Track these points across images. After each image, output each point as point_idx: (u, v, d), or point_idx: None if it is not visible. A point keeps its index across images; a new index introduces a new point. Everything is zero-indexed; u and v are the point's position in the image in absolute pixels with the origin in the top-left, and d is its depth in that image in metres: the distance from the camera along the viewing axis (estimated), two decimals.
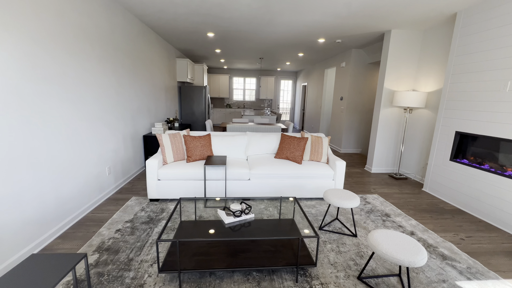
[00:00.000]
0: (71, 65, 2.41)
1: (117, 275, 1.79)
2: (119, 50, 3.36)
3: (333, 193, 2.43)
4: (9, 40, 1.76)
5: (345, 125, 6.07)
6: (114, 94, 3.25)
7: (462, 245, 2.33)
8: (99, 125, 2.91)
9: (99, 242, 2.16)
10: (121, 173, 3.50)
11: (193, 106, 7.01)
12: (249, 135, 3.64)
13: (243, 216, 1.98)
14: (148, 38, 4.41)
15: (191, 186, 3.01)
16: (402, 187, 3.88)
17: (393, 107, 4.41)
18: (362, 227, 2.60)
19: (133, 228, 2.41)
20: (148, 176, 2.91)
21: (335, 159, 3.21)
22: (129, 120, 3.73)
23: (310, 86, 9.04)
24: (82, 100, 2.59)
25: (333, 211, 2.93)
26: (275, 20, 3.85)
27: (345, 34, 4.50)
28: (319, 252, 2.14)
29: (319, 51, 6.12)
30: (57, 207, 2.27)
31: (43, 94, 2.07)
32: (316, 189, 3.17)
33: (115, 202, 2.99)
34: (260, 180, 3.10)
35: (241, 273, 1.85)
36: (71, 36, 2.40)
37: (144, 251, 2.06)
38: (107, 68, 3.05)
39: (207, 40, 5.36)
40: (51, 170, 2.18)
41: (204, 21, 3.96)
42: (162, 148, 3.09)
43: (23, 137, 1.89)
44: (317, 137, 3.44)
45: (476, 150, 3.07)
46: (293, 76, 11.39)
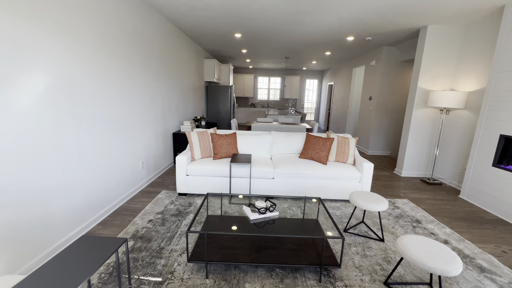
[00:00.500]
0: (112, 67, 2.63)
1: (150, 261, 1.93)
2: (153, 52, 3.58)
3: (360, 196, 2.37)
4: (61, 44, 1.98)
5: (374, 126, 5.83)
6: (148, 94, 3.48)
7: (504, 258, 2.14)
8: (134, 122, 3.14)
9: (134, 230, 2.35)
10: (152, 168, 3.73)
11: (219, 105, 7.20)
12: (274, 135, 3.67)
13: (268, 213, 2.02)
14: (179, 40, 4.63)
15: (217, 183, 3.12)
16: (436, 193, 3.64)
17: (428, 108, 4.15)
18: (390, 232, 2.50)
19: (164, 220, 2.57)
20: (178, 171, 3.07)
21: (362, 161, 3.12)
22: (161, 118, 3.96)
23: (336, 85, 8.81)
24: (120, 99, 2.82)
25: (359, 214, 2.86)
26: (303, 20, 3.82)
27: (376, 32, 4.32)
28: (344, 255, 2.11)
29: (347, 49, 5.94)
30: (99, 196, 2.50)
31: (88, 94, 2.29)
32: (341, 190, 3.11)
33: (147, 195, 3.20)
34: (284, 179, 3.11)
35: (264, 269, 1.89)
36: (113, 41, 2.62)
37: (174, 241, 2.20)
38: (142, 69, 3.28)
39: (234, 41, 5.48)
40: (94, 163, 2.41)
41: (231, 22, 4.07)
42: (191, 145, 3.24)
43: (72, 132, 2.12)
44: (344, 137, 3.36)
45: None
46: (319, 75, 11.17)
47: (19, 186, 1.66)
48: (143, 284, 1.70)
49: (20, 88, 1.64)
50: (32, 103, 1.73)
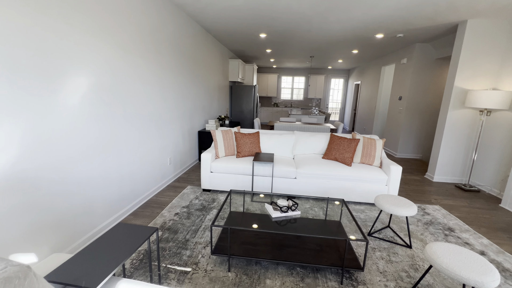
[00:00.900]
0: (144, 69, 2.81)
1: (176, 251, 2.04)
2: (182, 53, 3.75)
3: (386, 199, 2.29)
4: (103, 48, 2.16)
5: (403, 127, 5.54)
6: (177, 94, 3.65)
7: None
8: (163, 121, 3.32)
9: (162, 222, 2.49)
10: (179, 164, 3.91)
11: (242, 104, 7.31)
12: (297, 134, 3.66)
13: (290, 212, 2.03)
14: (205, 41, 4.79)
15: (239, 180, 3.19)
16: (473, 200, 3.38)
17: (465, 109, 3.85)
18: (418, 238, 2.38)
19: (189, 213, 2.69)
20: (203, 168, 3.20)
21: (390, 163, 3.00)
22: (187, 117, 4.13)
23: (363, 85, 8.48)
24: (151, 99, 3.00)
25: (385, 219, 2.75)
26: (329, 18, 3.75)
27: (409, 28, 4.10)
28: (368, 259, 2.06)
29: (376, 47, 5.70)
30: (131, 189, 2.70)
31: (123, 94, 2.48)
32: (366, 193, 3.02)
33: (174, 189, 3.37)
34: (307, 179, 3.10)
35: (285, 267, 1.91)
36: (145, 44, 2.80)
37: (198, 234, 2.30)
38: (171, 70, 3.45)
39: (258, 41, 5.53)
40: (128, 158, 2.60)
41: (256, 22, 4.11)
42: (215, 143, 3.35)
43: (110, 129, 2.31)
44: (370, 139, 3.25)
45: None
46: (345, 74, 10.83)
47: (64, 176, 1.86)
48: (170, 272, 1.81)
49: (67, 88, 1.83)
50: (77, 102, 1.92)
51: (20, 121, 1.51)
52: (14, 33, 1.44)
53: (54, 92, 1.72)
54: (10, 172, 1.48)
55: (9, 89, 1.44)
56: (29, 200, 1.60)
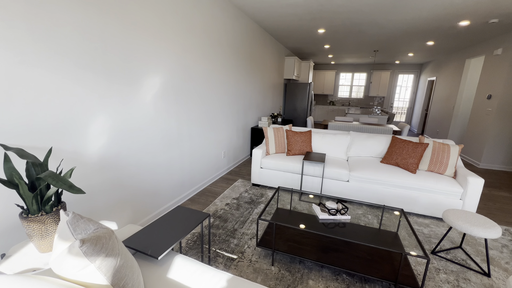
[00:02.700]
0: (205, 69, 3.07)
1: (225, 238, 2.20)
2: (240, 52, 3.93)
3: (459, 215, 1.96)
4: (172, 53, 2.45)
5: (491, 132, 4.58)
6: (233, 92, 3.86)
7: None
8: (220, 117, 3.56)
9: (214, 210, 2.71)
10: (232, 158, 4.15)
11: (296, 102, 7.22)
12: (353, 135, 3.43)
13: (338, 215, 1.95)
14: (262, 39, 4.89)
15: (288, 178, 3.20)
16: None
17: None
18: (501, 267, 1.97)
19: (238, 205, 2.85)
20: (253, 163, 3.32)
21: (468, 174, 2.54)
22: (242, 114, 4.33)
23: (439, 81, 7.32)
24: (210, 97, 3.25)
25: (456, 238, 2.36)
26: (397, 7, 3.36)
27: (507, 11, 3.35)
28: (429, 279, 1.81)
29: (458, 36, 4.84)
30: (190, 177, 3.00)
31: (187, 91, 2.76)
32: (432, 206, 2.64)
33: (226, 181, 3.60)
34: (361, 183, 2.89)
35: (330, 271, 1.85)
36: (208, 45, 3.05)
37: (246, 226, 2.42)
38: (230, 70, 3.66)
39: (316, 37, 5.35)
40: (189, 149, 2.90)
41: (314, 17, 3.99)
42: (267, 140, 3.43)
43: (175, 123, 2.61)
44: (443, 144, 2.82)
45: None
46: (417, 70, 9.54)
47: (137, 161, 2.20)
48: (218, 257, 1.96)
49: (144, 87, 2.15)
50: (150, 98, 2.24)
51: (110, 112, 1.86)
52: (109, 39, 1.77)
53: (133, 89, 2.05)
54: (103, 154, 1.84)
55: (104, 86, 1.78)
56: (114, 178, 1.96)
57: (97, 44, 1.68)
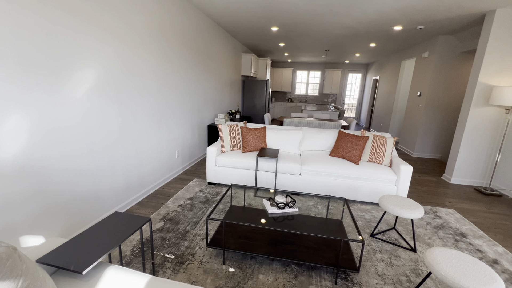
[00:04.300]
0: (152, 63, 2.87)
1: (175, 242, 2.10)
2: (192, 47, 3.78)
3: (391, 200, 2.19)
4: (110, 44, 2.23)
5: (422, 125, 5.25)
6: (185, 87, 3.70)
7: None
8: (171, 114, 3.39)
9: (165, 213, 2.57)
10: (187, 157, 3.99)
11: (255, 99, 7.28)
12: (304, 130, 3.59)
13: (287, 209, 2.01)
14: (217, 35, 4.79)
15: (244, 175, 3.20)
16: (492, 205, 3.15)
17: (489, 106, 3.57)
18: (425, 243, 2.27)
19: (192, 206, 2.75)
20: (208, 161, 3.24)
21: (400, 163, 2.86)
22: (196, 110, 4.19)
23: (382, 80, 8.12)
24: (158, 92, 3.06)
25: (391, 220, 2.65)
26: (343, 10, 3.60)
27: (429, 19, 3.84)
28: (367, 260, 1.99)
29: (395, 40, 5.41)
30: (138, 179, 2.79)
31: (132, 88, 2.55)
32: (373, 193, 2.91)
33: (180, 181, 3.45)
34: (312, 176, 3.04)
35: (280, 263, 1.90)
36: (154, 38, 2.85)
37: (198, 226, 2.35)
38: (180, 64, 3.49)
39: (271, 34, 5.44)
40: (135, 150, 2.69)
41: (266, 15, 4.04)
42: (221, 137, 3.37)
43: (117, 121, 2.39)
44: (381, 136, 3.12)
45: None
46: (363, 69, 10.42)
47: (73, 166, 1.96)
48: (167, 262, 1.86)
49: (74, 81, 1.91)
50: (84, 95, 2.01)
51: (29, 111, 1.60)
52: (24, 29, 1.52)
53: (61, 85, 1.80)
54: (21, 159, 1.58)
55: (16, 82, 1.53)
56: (37, 186, 1.71)
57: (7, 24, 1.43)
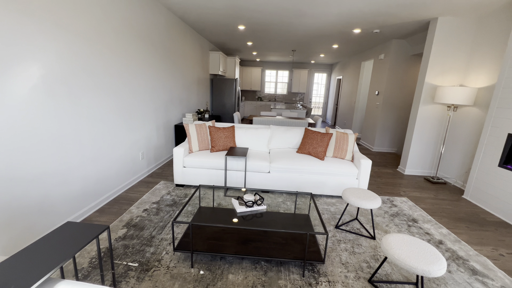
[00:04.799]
0: (112, 59, 2.67)
1: (139, 248, 1.99)
2: (155, 44, 3.60)
3: (352, 192, 2.34)
4: (60, 38, 2.02)
5: (380, 122, 5.68)
6: (149, 86, 3.52)
7: (500, 262, 2.07)
8: (134, 114, 3.20)
9: (128, 219, 2.42)
10: (153, 159, 3.81)
11: (224, 98, 7.20)
12: (273, 129, 3.65)
13: (255, 207, 2.03)
14: (182, 32, 4.62)
15: (213, 175, 3.15)
16: (439, 192, 3.54)
17: (435, 104, 3.99)
18: (383, 230, 2.46)
19: (158, 209, 2.63)
20: (175, 163, 3.13)
21: (360, 157, 3.06)
22: (162, 110, 4.01)
23: (345, 80, 8.60)
24: (120, 91, 2.87)
25: (354, 211, 2.83)
26: (306, 12, 3.72)
27: (384, 24, 4.16)
28: (332, 251, 2.10)
29: (355, 42, 5.76)
30: (97, 185, 2.59)
31: (87, 85, 2.35)
32: (337, 187, 3.08)
33: (146, 185, 3.28)
34: (280, 173, 3.11)
35: (250, 261, 1.91)
36: (112, 33, 2.65)
37: (165, 231, 2.25)
38: (143, 61, 3.31)
39: (238, 33, 5.42)
40: (93, 152, 2.48)
41: (233, 13, 4.01)
42: (189, 137, 3.28)
43: (71, 122, 2.18)
44: (343, 133, 3.30)
45: None
46: (328, 69, 10.93)
47: (15, 173, 1.74)
48: (130, 270, 1.76)
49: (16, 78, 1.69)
50: (28, 93, 1.79)
51: None
52: None
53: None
54: None
55: None
56: None
57: None
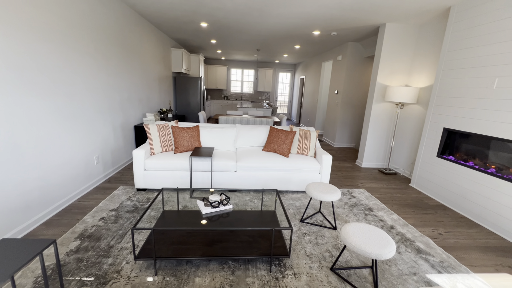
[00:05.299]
0: (59, 56, 2.39)
1: (95, 261, 1.83)
2: (111, 40, 3.32)
3: (315, 187, 2.46)
4: None
5: (339, 119, 6.06)
6: (104, 84, 3.24)
7: (439, 240, 2.37)
8: (86, 115, 2.92)
9: (82, 230, 2.21)
10: (110, 163, 3.53)
11: (189, 97, 6.98)
12: (238, 128, 3.65)
13: (221, 207, 2.01)
14: (141, 28, 4.35)
15: (178, 177, 3.04)
16: (390, 182, 3.91)
17: (385, 102, 4.39)
18: (343, 220, 2.64)
19: (117, 217, 2.45)
20: (135, 166, 2.94)
21: (322, 153, 3.23)
22: (119, 110, 3.73)
23: (307, 79, 8.97)
24: (71, 89, 2.59)
25: (317, 205, 2.97)
26: (268, 12, 3.78)
27: (340, 27, 4.43)
28: (297, 244, 2.18)
29: (315, 43, 6.04)
30: (42, 194, 2.31)
31: (31, 83, 2.07)
32: (302, 182, 3.20)
33: (103, 191, 3.03)
34: (247, 172, 3.12)
35: (217, 262, 1.89)
36: (63, 27, 2.38)
37: (125, 239, 2.11)
38: (97, 58, 3.03)
39: (201, 30, 5.29)
40: (36, 158, 2.21)
41: (193, 9, 3.90)
42: (150, 138, 3.11)
43: (4, 127, 1.90)
44: (306, 130, 3.44)
45: (462, 147, 3.08)
46: (292, 69, 11.28)
47: None
48: (85, 286, 1.61)
49: None
50: None
51: None
52: None
53: None
54: None
55: None
56: None
57: None
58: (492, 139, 2.68)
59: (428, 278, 1.83)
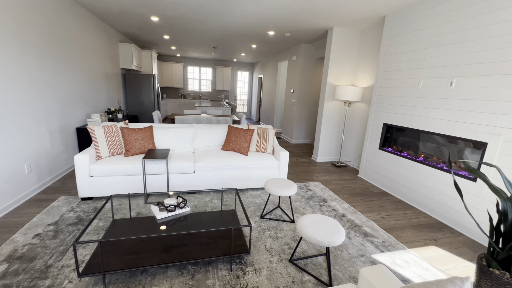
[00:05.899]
0: None
1: (29, 285, 1.59)
2: (44, 32, 2.89)
3: (273, 183, 2.53)
4: None
5: (296, 117, 6.34)
6: (37, 81, 2.81)
7: (382, 223, 2.66)
8: (12, 117, 2.50)
9: (10, 251, 1.89)
10: (47, 171, 3.09)
11: (141, 96, 6.51)
12: (196, 127, 3.54)
13: (178, 210, 1.93)
14: (79, 19, 3.88)
15: (130, 182, 2.82)
16: (342, 174, 4.24)
17: (335, 101, 4.74)
18: (300, 213, 2.78)
19: (57, 231, 2.17)
20: (78, 173, 2.63)
21: (280, 150, 3.34)
22: (57, 111, 3.29)
23: (265, 78, 9.16)
24: None
25: (276, 200, 3.07)
26: (223, 10, 3.74)
27: (293, 29, 4.62)
28: (258, 240, 2.22)
29: (271, 43, 6.19)
30: None
31: None
32: (261, 179, 3.27)
33: (38, 204, 2.64)
34: (206, 172, 3.06)
35: (175, 268, 1.82)
36: None
37: (67, 256, 1.88)
38: (28, 54, 2.60)
39: (151, 25, 4.97)
40: None
41: (143, 2, 3.65)
42: (95, 141, 2.82)
43: None
44: (264, 128, 3.52)
45: (398, 139, 3.51)
46: (250, 68, 11.39)
47: None
48: None
49: None
50: None
51: None
52: None
53: None
54: None
55: None
56: None
57: None
58: (421, 132, 3.11)
59: (373, 258, 2.05)
